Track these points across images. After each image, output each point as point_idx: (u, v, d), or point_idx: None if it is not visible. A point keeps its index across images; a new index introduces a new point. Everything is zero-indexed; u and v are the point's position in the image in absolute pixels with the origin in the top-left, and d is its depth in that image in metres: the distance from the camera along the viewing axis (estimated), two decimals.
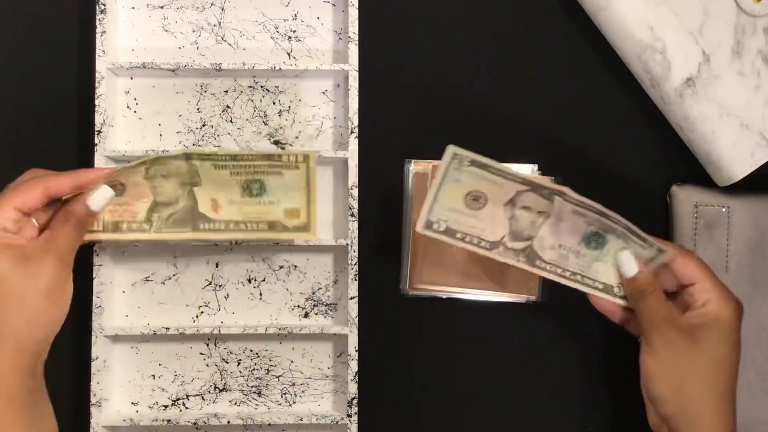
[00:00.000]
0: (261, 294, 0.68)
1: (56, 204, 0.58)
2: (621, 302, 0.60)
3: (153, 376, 0.67)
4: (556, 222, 0.59)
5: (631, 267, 0.58)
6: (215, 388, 0.67)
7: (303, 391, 0.67)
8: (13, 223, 0.55)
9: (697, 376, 0.55)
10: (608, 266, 0.59)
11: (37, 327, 0.54)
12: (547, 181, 0.57)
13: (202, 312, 0.67)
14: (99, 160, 0.64)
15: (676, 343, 0.56)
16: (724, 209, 0.66)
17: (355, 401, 0.64)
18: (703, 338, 0.56)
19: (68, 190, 0.57)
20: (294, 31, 0.68)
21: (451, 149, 0.56)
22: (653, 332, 0.56)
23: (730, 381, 0.56)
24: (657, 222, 0.68)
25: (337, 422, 0.65)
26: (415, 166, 0.67)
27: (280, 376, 0.67)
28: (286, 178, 0.60)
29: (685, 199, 0.66)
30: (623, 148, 0.68)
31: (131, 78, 0.68)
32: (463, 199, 0.58)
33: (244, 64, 0.65)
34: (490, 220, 0.59)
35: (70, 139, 0.67)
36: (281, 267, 0.68)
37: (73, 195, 0.58)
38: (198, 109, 0.68)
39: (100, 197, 0.58)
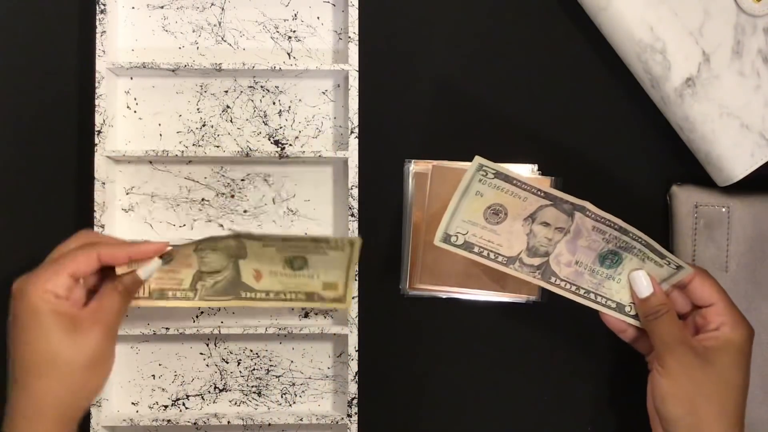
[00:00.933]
0: None
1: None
2: (633, 321, 0.60)
3: (153, 376, 0.67)
4: (573, 239, 0.58)
5: (644, 287, 0.58)
6: (215, 388, 0.67)
7: (303, 391, 0.67)
8: (65, 290, 0.54)
9: (709, 399, 0.55)
10: (621, 285, 0.59)
11: (80, 397, 0.54)
12: (570, 195, 0.56)
13: (202, 312, 0.67)
14: (99, 160, 0.64)
15: (691, 364, 0.56)
16: (724, 209, 0.66)
17: (355, 401, 0.64)
18: (716, 361, 0.56)
19: (122, 261, 0.57)
20: (294, 31, 0.68)
21: (477, 160, 0.55)
22: (667, 353, 0.56)
23: (741, 404, 0.56)
24: (657, 222, 0.68)
25: (337, 422, 0.65)
26: (415, 166, 0.67)
27: (280, 376, 0.67)
28: (329, 256, 0.60)
29: (685, 199, 0.66)
30: (623, 148, 0.68)
31: (131, 78, 0.68)
32: (483, 213, 0.58)
33: (244, 64, 0.65)
34: (508, 235, 0.59)
35: (70, 139, 0.67)
36: None
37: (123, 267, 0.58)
38: (198, 109, 0.68)
39: (149, 268, 0.58)
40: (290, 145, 0.68)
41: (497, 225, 0.58)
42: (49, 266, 0.55)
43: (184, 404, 0.67)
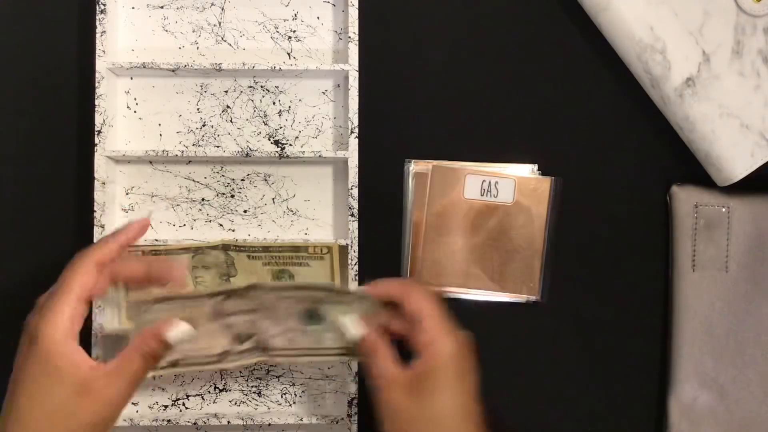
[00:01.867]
0: None
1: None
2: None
3: (153, 376, 0.67)
4: (270, 312, 0.59)
5: (352, 332, 0.57)
6: (215, 388, 0.67)
7: (303, 391, 0.67)
8: (79, 318, 0.52)
9: None
10: (340, 332, 0.59)
11: None
12: (232, 284, 0.58)
13: None
14: (99, 160, 0.64)
15: (401, 404, 0.54)
16: (724, 209, 0.66)
17: (355, 401, 0.64)
18: (427, 389, 0.53)
19: (116, 253, 0.55)
20: (294, 31, 0.68)
21: (130, 304, 0.56)
22: (381, 394, 0.55)
23: (460, 428, 0.54)
24: (657, 222, 0.68)
25: (337, 422, 0.65)
26: (415, 166, 0.67)
27: (280, 376, 0.67)
28: (312, 268, 0.63)
29: (685, 199, 0.66)
30: (623, 148, 0.68)
31: (131, 78, 0.68)
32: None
33: (244, 64, 0.65)
34: (208, 338, 0.59)
35: (70, 139, 0.67)
36: None
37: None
38: (198, 109, 0.68)
39: (178, 331, 0.55)
40: (290, 145, 0.68)
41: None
42: (55, 297, 0.52)
43: (184, 404, 0.67)
